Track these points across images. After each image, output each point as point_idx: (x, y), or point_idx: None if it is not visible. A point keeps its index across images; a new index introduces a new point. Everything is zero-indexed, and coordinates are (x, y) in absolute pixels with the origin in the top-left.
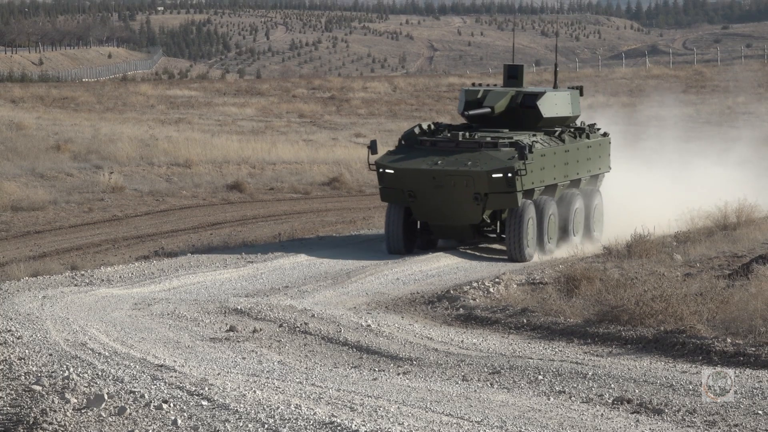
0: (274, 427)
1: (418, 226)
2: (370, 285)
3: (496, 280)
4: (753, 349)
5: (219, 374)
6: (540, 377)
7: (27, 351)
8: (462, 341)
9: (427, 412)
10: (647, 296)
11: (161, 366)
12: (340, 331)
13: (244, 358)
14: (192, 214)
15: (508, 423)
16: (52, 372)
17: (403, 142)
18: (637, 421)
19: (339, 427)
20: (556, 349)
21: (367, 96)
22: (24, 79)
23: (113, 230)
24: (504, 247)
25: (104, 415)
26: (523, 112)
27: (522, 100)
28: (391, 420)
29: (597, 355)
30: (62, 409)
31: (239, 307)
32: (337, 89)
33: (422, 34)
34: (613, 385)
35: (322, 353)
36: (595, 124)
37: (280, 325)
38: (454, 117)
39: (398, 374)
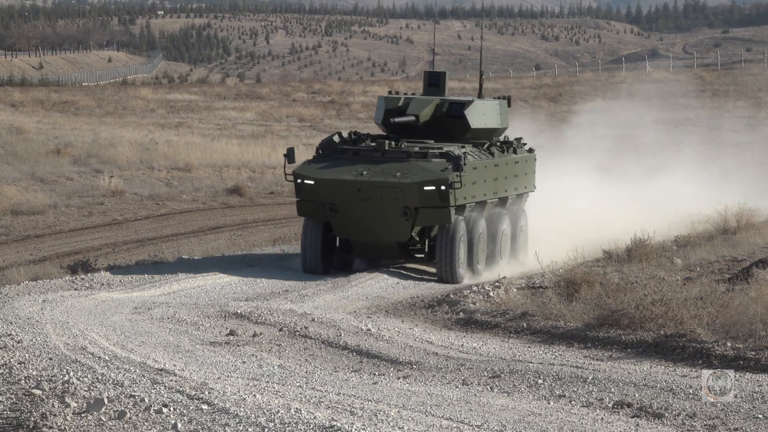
0: (274, 431)
1: (337, 244)
2: (370, 289)
3: (496, 284)
4: (753, 353)
5: (219, 378)
6: (540, 381)
7: (27, 355)
8: (462, 345)
9: (427, 416)
10: (647, 300)
11: (161, 370)
12: (340, 335)
13: (244, 362)
14: (192, 218)
15: (509, 427)
16: (52, 376)
17: (321, 152)
18: (638, 425)
19: (339, 431)
20: (556, 353)
21: (367, 100)
22: (24, 83)
23: (113, 234)
24: (433, 269)
25: (104, 419)
26: (450, 122)
27: (448, 109)
28: (391, 424)
29: (597, 359)
30: (62, 413)
31: (239, 311)
32: (337, 93)
33: (422, 38)
34: (613, 389)
35: (322, 357)
36: (521, 138)
37: (280, 329)
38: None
39: (398, 378)
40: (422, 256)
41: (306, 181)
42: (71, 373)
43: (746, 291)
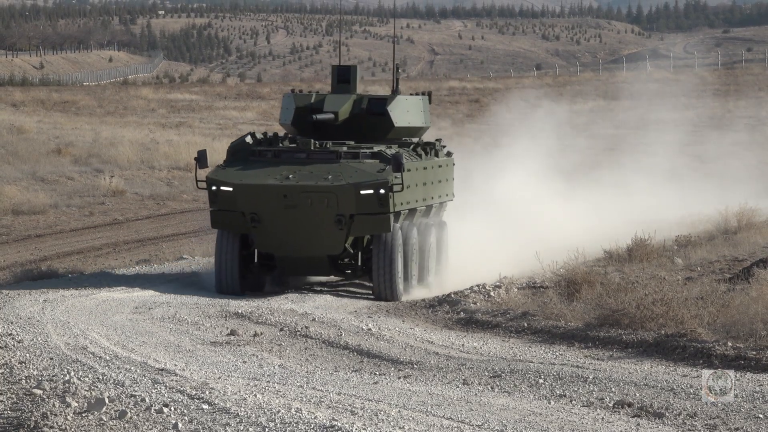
0: (274, 431)
1: (255, 260)
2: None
3: (497, 284)
4: (754, 352)
5: (220, 378)
6: (541, 381)
7: (28, 355)
8: (463, 345)
9: (427, 415)
10: (648, 300)
11: (162, 370)
12: (341, 335)
13: (244, 362)
14: (193, 218)
15: (509, 427)
16: (52, 376)
17: (232, 155)
18: (638, 424)
19: (340, 431)
20: (557, 353)
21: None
22: (25, 82)
23: (114, 234)
24: (367, 283)
25: (105, 419)
26: (371, 120)
27: (368, 106)
28: (391, 424)
29: (598, 359)
30: (63, 413)
31: (240, 311)
32: None
33: (423, 37)
34: (613, 389)
35: (323, 357)
36: (441, 140)
37: (281, 329)
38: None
39: (399, 378)
40: (350, 271)
41: (223, 188)
42: (72, 373)
43: (747, 291)
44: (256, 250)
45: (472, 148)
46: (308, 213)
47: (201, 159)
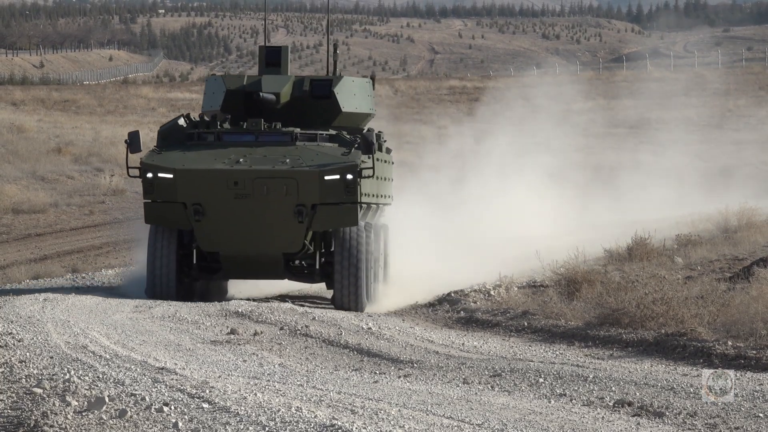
0: (275, 430)
1: (194, 261)
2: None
3: (497, 283)
4: (754, 351)
5: (220, 377)
6: (541, 380)
7: (28, 354)
8: (463, 344)
9: (427, 415)
10: (648, 299)
11: (162, 369)
12: (341, 334)
13: (245, 361)
14: None
15: (509, 426)
16: (53, 375)
17: (164, 140)
18: (638, 424)
19: (340, 430)
20: (557, 352)
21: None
22: (25, 81)
23: (114, 233)
24: (322, 288)
25: (105, 418)
26: (315, 104)
27: (311, 88)
28: (391, 423)
29: (598, 358)
30: (63, 412)
31: (240, 310)
32: None
33: (423, 36)
34: (614, 388)
35: (323, 356)
36: (381, 132)
37: (281, 328)
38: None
39: (399, 377)
40: (308, 274)
41: (160, 175)
42: (72, 372)
43: (747, 290)
44: (194, 250)
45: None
46: (263, 203)
47: (133, 142)
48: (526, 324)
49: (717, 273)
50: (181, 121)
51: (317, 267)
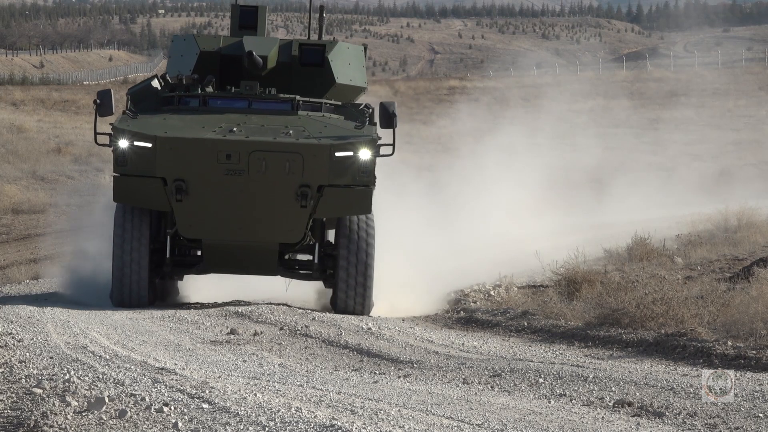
0: (274, 430)
1: (168, 254)
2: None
3: (497, 283)
4: (754, 351)
5: (220, 377)
6: (541, 380)
7: (28, 354)
8: (463, 344)
9: (427, 415)
10: (648, 299)
11: (162, 369)
12: (341, 334)
13: (244, 361)
14: None
15: (509, 426)
16: (52, 375)
17: (135, 103)
18: (638, 424)
19: (340, 430)
20: (557, 352)
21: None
22: (25, 81)
23: None
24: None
25: (105, 418)
26: (305, 73)
27: (301, 53)
28: (391, 423)
29: (598, 358)
30: (63, 412)
31: (240, 310)
32: None
33: (423, 37)
34: (614, 388)
35: (323, 356)
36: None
37: (281, 328)
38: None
39: (399, 377)
40: (307, 271)
41: (137, 143)
42: (72, 372)
43: (747, 290)
44: (168, 239)
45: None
46: (259, 181)
47: (104, 102)
48: (525, 324)
49: (717, 273)
50: (155, 83)
51: (316, 261)
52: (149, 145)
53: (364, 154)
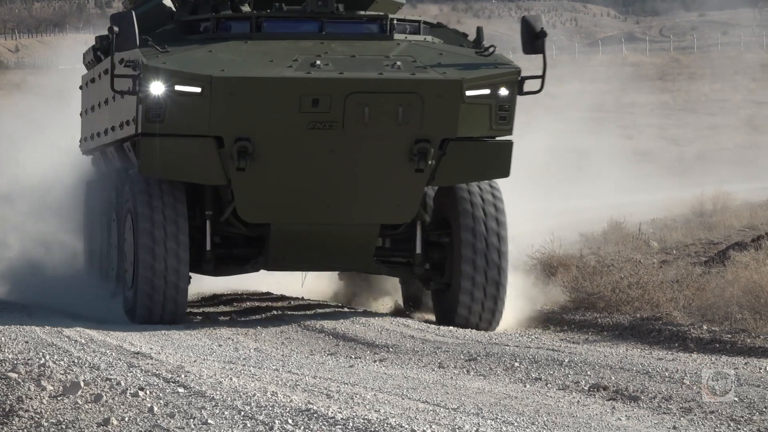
0: (250, 414)
1: (208, 246)
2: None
3: None
4: (729, 335)
5: (195, 361)
6: (516, 364)
7: (3, 338)
8: (438, 329)
9: (403, 399)
10: (623, 283)
11: (137, 353)
12: (317, 319)
13: (220, 345)
14: None
15: (485, 410)
16: (28, 359)
17: (143, 32)
18: (614, 408)
19: (315, 414)
20: (533, 337)
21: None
22: (0, 66)
23: None
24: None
25: (80, 403)
26: None
27: None
28: (367, 407)
29: (573, 342)
30: (38, 397)
31: (216, 294)
32: None
33: None
34: (589, 372)
35: (299, 340)
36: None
37: (257, 313)
38: None
39: (374, 361)
40: (402, 262)
41: (181, 88)
42: (47, 357)
43: (722, 274)
44: (208, 225)
45: None
46: (361, 136)
47: (124, 31)
48: None
49: (692, 257)
50: (167, 1)
51: (418, 252)
52: (198, 90)
53: (504, 91)
